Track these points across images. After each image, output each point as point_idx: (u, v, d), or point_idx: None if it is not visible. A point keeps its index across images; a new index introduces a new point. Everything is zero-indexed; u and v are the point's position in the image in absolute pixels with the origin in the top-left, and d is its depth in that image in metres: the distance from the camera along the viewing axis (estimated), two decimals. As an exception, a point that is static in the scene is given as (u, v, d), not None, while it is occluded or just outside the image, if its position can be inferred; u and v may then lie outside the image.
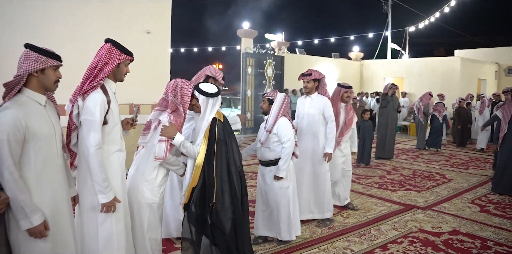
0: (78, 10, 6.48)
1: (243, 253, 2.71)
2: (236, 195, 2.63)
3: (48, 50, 1.97)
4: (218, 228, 2.53)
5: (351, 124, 4.47)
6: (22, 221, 1.87)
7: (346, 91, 4.45)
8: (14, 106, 1.87)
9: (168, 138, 2.48)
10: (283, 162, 3.31)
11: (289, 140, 3.30)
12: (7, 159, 1.80)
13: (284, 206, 3.39)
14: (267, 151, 3.41)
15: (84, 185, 2.28)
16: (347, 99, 4.46)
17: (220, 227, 2.53)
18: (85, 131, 2.17)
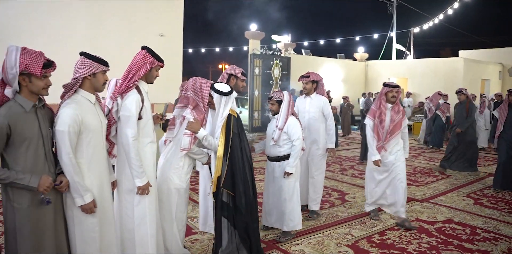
0: (98, 14, 6.91)
1: (256, 236, 3.11)
2: (247, 182, 3.02)
3: (99, 57, 2.37)
4: (239, 210, 2.93)
5: (398, 128, 4.05)
6: (77, 199, 2.26)
7: (390, 91, 4.04)
8: (73, 103, 2.27)
9: (192, 132, 2.87)
10: (293, 159, 3.59)
11: (299, 138, 3.58)
12: (67, 147, 2.20)
13: (291, 199, 3.65)
14: (276, 148, 3.68)
15: (122, 172, 2.68)
16: (393, 100, 4.05)
17: (242, 209, 2.94)
18: (124, 125, 2.56)
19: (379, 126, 4.05)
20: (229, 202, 2.95)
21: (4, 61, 2.04)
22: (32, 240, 2.12)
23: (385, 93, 4.05)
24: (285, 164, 3.65)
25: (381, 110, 4.05)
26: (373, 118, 4.14)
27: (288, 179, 3.64)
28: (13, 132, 2.05)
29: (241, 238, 3.00)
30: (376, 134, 4.08)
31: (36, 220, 2.14)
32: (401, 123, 4.06)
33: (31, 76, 2.10)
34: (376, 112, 4.11)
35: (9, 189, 2.10)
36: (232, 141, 2.96)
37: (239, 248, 3.02)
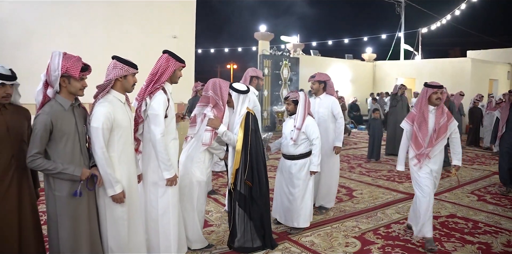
0: (115, 18, 7.19)
1: (269, 226, 3.35)
2: (262, 174, 3.27)
3: (129, 61, 2.62)
4: (255, 201, 3.18)
5: (443, 133, 3.59)
6: (108, 189, 2.51)
7: (435, 92, 3.59)
8: (106, 103, 2.51)
9: (213, 128, 3.12)
10: (316, 158, 3.75)
11: (318, 137, 3.75)
12: (101, 142, 2.44)
13: (303, 197, 3.81)
14: (293, 147, 3.81)
15: (147, 166, 2.92)
16: (437, 102, 3.58)
17: (258, 200, 3.19)
18: (152, 123, 2.80)
19: (418, 131, 3.60)
20: (245, 193, 3.19)
21: (48, 65, 2.29)
22: (70, 223, 2.37)
23: (428, 95, 3.57)
24: (301, 162, 3.78)
25: (423, 113, 3.59)
26: (411, 123, 3.71)
27: (304, 176, 3.78)
28: (54, 128, 2.30)
29: (256, 228, 3.24)
30: (414, 140, 3.63)
31: (73, 207, 2.39)
32: (446, 127, 3.60)
33: (70, 78, 2.35)
34: (415, 116, 3.66)
35: (51, 180, 2.35)
36: (250, 137, 3.20)
37: (253, 237, 3.26)
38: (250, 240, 3.25)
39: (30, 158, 2.25)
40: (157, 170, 2.87)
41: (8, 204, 2.26)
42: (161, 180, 2.88)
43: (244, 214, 3.23)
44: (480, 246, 3.61)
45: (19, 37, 6.40)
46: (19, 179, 2.33)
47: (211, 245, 3.46)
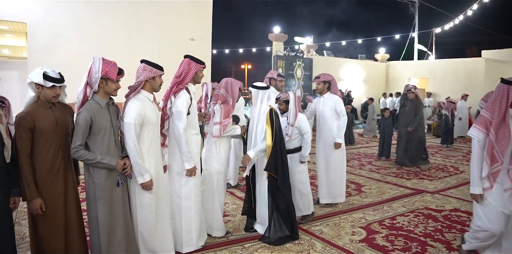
0: (135, 23, 7.59)
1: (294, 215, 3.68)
2: (287, 167, 3.62)
3: (157, 64, 2.96)
4: (281, 192, 3.53)
5: None
6: (138, 177, 2.85)
7: None
8: (137, 101, 2.86)
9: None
10: (305, 150, 4.06)
11: (308, 131, 4.07)
12: (133, 135, 2.79)
13: (303, 186, 4.11)
14: (289, 142, 4.11)
15: (172, 158, 3.28)
16: None
17: (284, 191, 3.53)
18: (176, 119, 3.14)
19: (494, 142, 2.82)
20: (273, 185, 3.50)
21: (90, 68, 2.65)
22: (107, 206, 2.73)
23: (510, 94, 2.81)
24: (297, 155, 4.10)
25: (503, 119, 2.84)
26: (485, 131, 2.88)
27: (300, 167, 4.09)
28: (93, 123, 2.66)
29: (283, 218, 3.55)
30: (490, 153, 2.82)
31: (110, 192, 2.75)
32: None
33: (108, 80, 2.70)
34: (489, 122, 2.87)
35: (91, 168, 2.71)
36: (276, 132, 3.52)
37: (282, 228, 3.56)
38: (280, 230, 3.55)
39: (74, 149, 2.61)
40: (181, 162, 3.21)
41: (57, 188, 2.62)
42: (184, 170, 3.22)
43: (271, 205, 3.54)
44: (480, 237, 3.85)
45: (48, 41, 6.85)
46: (65, 167, 2.69)
47: (228, 232, 3.79)
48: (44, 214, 2.55)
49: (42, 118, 2.55)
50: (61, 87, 2.64)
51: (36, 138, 2.52)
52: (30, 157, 2.51)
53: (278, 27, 13.07)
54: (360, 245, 3.58)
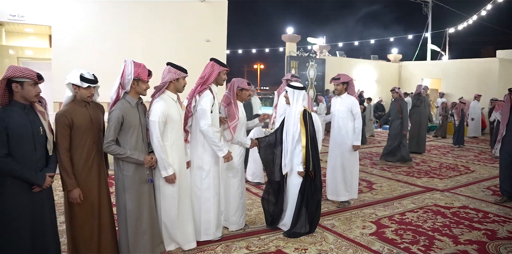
0: (153, 25, 7.87)
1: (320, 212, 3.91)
2: (320, 165, 3.83)
3: (181, 66, 3.20)
4: (316, 190, 3.75)
5: None
6: (162, 171, 3.09)
7: None
8: (162, 101, 3.11)
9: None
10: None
11: (320, 130, 4.25)
12: (157, 132, 3.02)
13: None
14: None
15: (194, 153, 3.51)
16: None
17: (316, 189, 3.75)
18: (201, 117, 3.37)
19: None
20: (305, 182, 3.71)
21: (123, 70, 2.90)
22: (135, 197, 2.98)
23: None
24: None
25: None
26: None
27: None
28: (124, 121, 2.90)
29: (310, 214, 3.76)
30: None
31: (137, 184, 2.99)
32: None
33: (139, 81, 2.95)
34: None
35: (120, 162, 2.96)
36: (309, 132, 3.72)
37: (305, 223, 3.76)
38: (304, 226, 3.76)
39: (106, 144, 2.86)
40: (202, 156, 3.46)
41: (92, 179, 2.86)
42: (205, 164, 3.46)
43: (301, 201, 3.73)
44: (486, 232, 3.99)
45: (71, 43, 7.16)
46: (99, 160, 2.94)
47: (246, 225, 4.01)
48: (81, 203, 2.80)
49: (79, 116, 2.80)
50: (95, 88, 2.89)
51: (73, 133, 2.77)
52: (68, 151, 2.76)
53: (291, 28, 13.24)
54: (370, 238, 3.77)
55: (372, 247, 3.54)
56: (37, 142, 2.55)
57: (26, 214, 2.49)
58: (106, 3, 7.45)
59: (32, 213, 2.52)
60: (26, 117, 2.51)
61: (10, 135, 2.41)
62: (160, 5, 7.93)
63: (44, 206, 2.61)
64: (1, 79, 2.47)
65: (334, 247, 3.55)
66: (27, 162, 2.48)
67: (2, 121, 2.38)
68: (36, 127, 2.55)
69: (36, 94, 2.55)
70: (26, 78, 2.48)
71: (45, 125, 2.62)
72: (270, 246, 3.54)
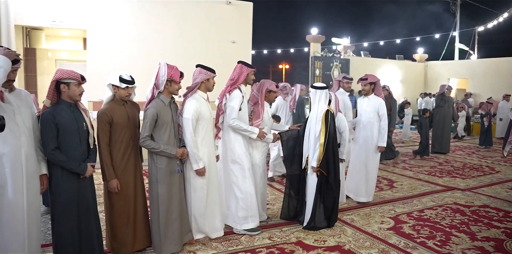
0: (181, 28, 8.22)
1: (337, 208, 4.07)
2: (337, 164, 4.00)
3: (210, 68, 3.46)
4: (331, 187, 3.92)
5: None
6: (193, 164, 3.36)
7: None
8: (194, 100, 3.39)
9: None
10: (343, 147, 4.35)
11: (346, 130, 4.37)
12: (190, 128, 3.30)
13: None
14: None
15: (227, 148, 3.75)
16: None
17: (333, 186, 3.93)
18: (229, 114, 3.63)
19: None
20: (322, 180, 3.90)
21: (157, 72, 3.18)
22: (167, 188, 3.25)
23: None
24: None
25: None
26: None
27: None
28: (159, 118, 3.18)
29: (327, 211, 3.95)
30: None
31: (169, 176, 3.27)
32: None
33: (172, 82, 3.22)
34: None
35: (154, 156, 3.24)
36: (329, 132, 3.91)
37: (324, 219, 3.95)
38: (322, 222, 3.95)
39: (142, 139, 3.15)
40: (235, 150, 3.71)
41: (128, 171, 3.17)
42: (238, 157, 3.71)
43: (319, 197, 3.93)
44: (505, 231, 4.06)
45: (104, 46, 7.59)
46: (135, 154, 3.23)
47: (268, 217, 4.24)
48: (118, 192, 3.10)
49: (118, 113, 3.10)
50: (132, 88, 3.18)
51: (113, 130, 3.08)
52: (108, 146, 3.06)
53: (315, 29, 13.36)
54: (388, 232, 3.92)
55: (389, 241, 3.69)
56: (82, 136, 2.86)
57: (73, 199, 2.81)
58: (137, 8, 7.85)
59: (78, 199, 2.84)
60: (72, 115, 2.82)
61: (60, 130, 2.74)
62: (188, 9, 8.27)
63: (88, 194, 2.92)
64: (52, 81, 2.79)
65: (352, 239, 3.72)
66: (73, 154, 2.80)
67: (53, 118, 2.70)
68: (80, 122, 2.85)
69: (80, 94, 2.86)
70: (72, 79, 2.79)
71: (87, 121, 2.93)
72: (291, 237, 3.75)
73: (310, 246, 3.57)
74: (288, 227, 4.03)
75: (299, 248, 3.52)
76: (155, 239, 3.30)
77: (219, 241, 3.62)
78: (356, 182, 4.99)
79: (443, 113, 8.99)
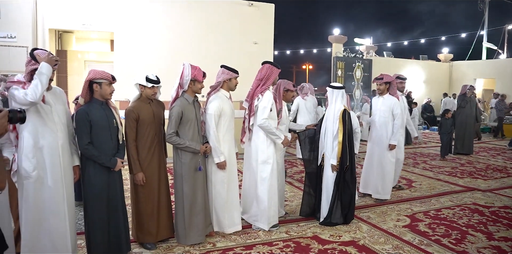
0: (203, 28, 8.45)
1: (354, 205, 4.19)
2: (354, 161, 4.11)
3: (233, 68, 3.64)
4: (347, 184, 4.04)
5: None
6: (215, 158, 3.55)
7: None
8: (217, 98, 3.59)
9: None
10: (357, 142, 4.45)
11: (357, 127, 4.48)
12: (213, 124, 3.50)
13: None
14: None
15: (259, 149, 3.84)
16: None
17: (350, 183, 4.04)
18: (260, 113, 3.73)
19: None
20: (340, 176, 4.02)
21: (182, 72, 3.38)
22: (190, 182, 3.45)
23: None
24: None
25: None
26: None
27: None
28: (183, 115, 3.38)
29: (343, 206, 4.06)
30: None
31: (193, 171, 3.46)
32: None
33: (195, 81, 3.42)
34: None
35: (179, 151, 3.44)
36: (347, 130, 4.03)
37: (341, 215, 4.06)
38: (339, 218, 4.06)
39: (168, 135, 3.36)
40: (266, 151, 3.82)
41: (153, 165, 3.37)
42: (270, 158, 3.82)
43: (336, 194, 4.04)
44: (525, 231, 4.06)
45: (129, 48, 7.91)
46: (159, 150, 3.44)
47: (285, 213, 4.38)
48: (144, 185, 3.31)
49: (144, 111, 3.31)
50: (157, 87, 3.39)
51: (139, 126, 3.29)
52: (135, 141, 3.28)
53: (337, 29, 13.39)
54: (403, 230, 3.99)
55: (404, 237, 3.77)
56: (112, 132, 3.08)
57: (104, 192, 3.03)
58: (162, 11, 8.14)
59: (108, 192, 3.05)
60: (104, 112, 3.05)
61: (93, 126, 2.96)
62: (211, 11, 8.50)
63: (117, 187, 3.13)
64: (85, 80, 3.02)
65: (367, 235, 3.82)
66: (105, 149, 3.02)
67: (86, 115, 2.93)
68: (111, 119, 3.07)
69: (110, 92, 3.08)
70: (103, 79, 3.01)
71: (117, 118, 3.14)
72: (307, 232, 3.88)
73: (325, 240, 3.69)
74: (305, 222, 4.16)
75: (314, 242, 3.65)
76: (180, 230, 3.50)
77: (238, 234, 3.78)
78: (373, 180, 5.08)
79: (465, 114, 8.90)
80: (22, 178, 2.69)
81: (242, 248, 3.49)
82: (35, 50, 2.76)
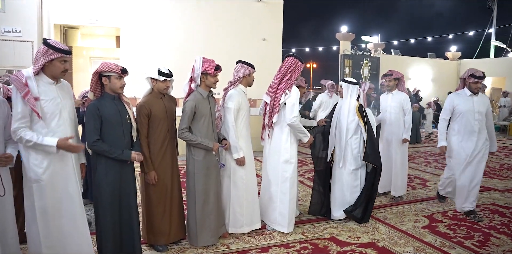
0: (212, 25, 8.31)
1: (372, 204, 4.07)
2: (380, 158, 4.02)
3: (251, 63, 3.52)
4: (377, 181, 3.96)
5: None
6: (234, 153, 3.43)
7: None
8: (236, 92, 3.48)
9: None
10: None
11: (374, 124, 4.30)
12: (232, 117, 3.39)
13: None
14: None
15: (280, 148, 3.69)
16: None
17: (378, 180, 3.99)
18: (290, 110, 3.54)
19: None
20: (372, 173, 3.92)
21: (193, 66, 3.24)
22: (203, 179, 3.31)
23: None
24: None
25: None
26: None
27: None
28: (197, 110, 3.24)
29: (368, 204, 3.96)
30: None
31: (206, 168, 3.32)
32: None
33: (207, 75, 3.27)
34: None
35: (192, 148, 3.31)
36: (368, 125, 3.91)
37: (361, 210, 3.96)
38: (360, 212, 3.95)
39: (180, 131, 3.21)
40: (289, 150, 3.65)
41: (165, 162, 3.23)
42: (293, 157, 3.67)
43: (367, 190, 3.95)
44: (546, 232, 3.90)
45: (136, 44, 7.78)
46: (172, 146, 3.30)
47: (300, 213, 4.23)
48: (155, 184, 3.17)
49: (156, 106, 3.16)
50: (170, 81, 3.24)
51: (151, 122, 3.14)
52: (147, 138, 3.13)
53: (345, 27, 13.22)
54: (422, 231, 3.84)
55: (424, 239, 3.62)
56: (125, 129, 2.91)
57: (116, 192, 2.86)
58: (168, 7, 8.00)
59: (120, 192, 2.89)
60: (116, 107, 2.88)
61: (104, 122, 2.79)
62: (219, 6, 8.35)
63: (129, 185, 2.96)
64: (93, 73, 2.85)
65: (386, 237, 3.67)
66: (117, 146, 2.83)
67: (97, 110, 2.77)
68: (123, 115, 2.90)
69: (121, 86, 2.89)
70: (112, 72, 2.83)
71: (130, 114, 2.99)
72: (324, 233, 3.74)
73: (343, 242, 3.54)
74: (320, 223, 4.02)
75: (332, 243, 3.50)
76: (191, 231, 3.36)
77: (252, 235, 3.64)
78: (388, 177, 4.95)
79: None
80: (32, 181, 2.52)
81: (258, 250, 3.35)
82: (47, 40, 2.59)
